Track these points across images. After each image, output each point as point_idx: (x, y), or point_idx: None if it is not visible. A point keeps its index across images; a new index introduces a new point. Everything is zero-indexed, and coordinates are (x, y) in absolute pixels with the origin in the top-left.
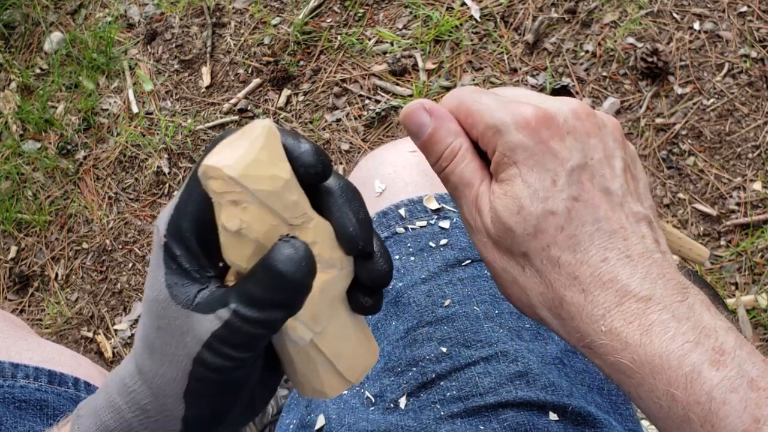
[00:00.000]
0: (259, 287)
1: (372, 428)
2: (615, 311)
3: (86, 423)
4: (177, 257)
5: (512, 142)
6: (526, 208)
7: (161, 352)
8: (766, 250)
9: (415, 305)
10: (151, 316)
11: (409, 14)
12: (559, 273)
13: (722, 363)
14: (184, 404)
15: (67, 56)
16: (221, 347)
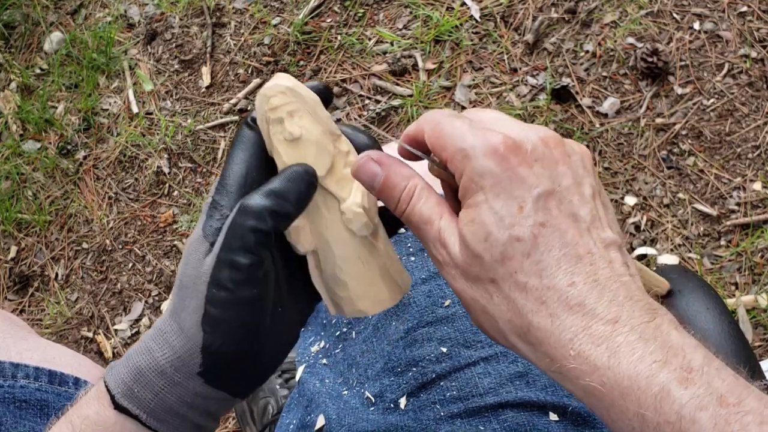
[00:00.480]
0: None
1: (372, 428)
2: (582, 335)
3: (119, 369)
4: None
5: (480, 168)
6: (492, 235)
7: (186, 286)
8: (766, 250)
9: (415, 305)
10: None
11: (409, 14)
12: (526, 298)
13: (691, 381)
14: (201, 333)
15: (67, 56)
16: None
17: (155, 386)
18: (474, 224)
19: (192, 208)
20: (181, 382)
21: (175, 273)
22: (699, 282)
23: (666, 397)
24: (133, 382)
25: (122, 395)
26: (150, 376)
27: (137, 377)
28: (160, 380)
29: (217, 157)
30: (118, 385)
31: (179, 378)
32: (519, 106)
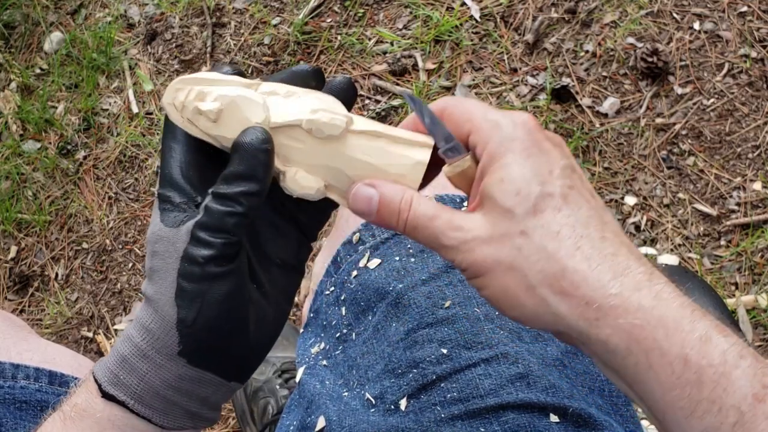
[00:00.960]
0: (229, 167)
1: (372, 430)
2: (622, 278)
3: (105, 359)
4: (168, 198)
5: (510, 134)
6: (524, 189)
7: (157, 269)
8: (766, 250)
9: (415, 307)
10: (148, 248)
11: (409, 14)
12: (560, 245)
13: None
14: (176, 308)
15: (67, 56)
16: (203, 234)
17: (139, 370)
18: (504, 182)
19: None
20: (164, 364)
21: None
22: (699, 282)
23: (709, 341)
24: (119, 369)
25: (108, 383)
26: (133, 361)
27: (121, 364)
28: (143, 364)
29: None
30: (104, 374)
31: (161, 360)
32: (519, 106)
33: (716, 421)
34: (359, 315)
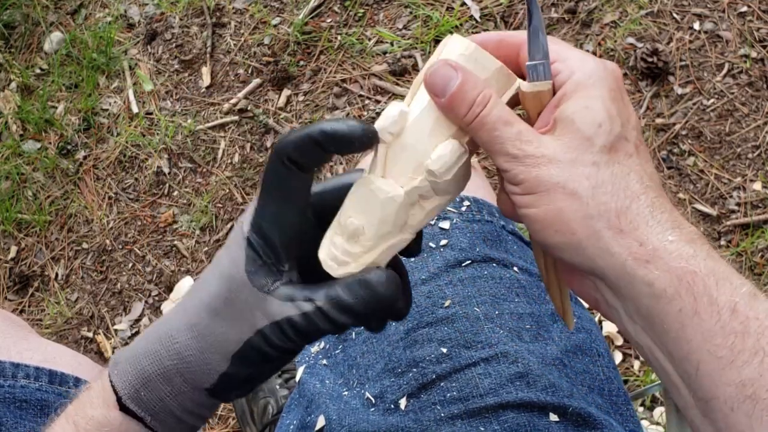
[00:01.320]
0: (350, 295)
1: (372, 429)
2: (678, 231)
3: (124, 368)
4: (257, 251)
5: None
6: (607, 124)
7: (223, 316)
8: (766, 250)
9: (415, 306)
10: (221, 287)
11: (409, 14)
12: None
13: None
14: (229, 363)
15: (67, 56)
16: (288, 330)
17: (161, 392)
18: (588, 110)
19: (192, 208)
20: (187, 392)
21: (175, 273)
22: None
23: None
24: (141, 386)
25: (128, 397)
26: (157, 381)
27: (145, 382)
28: (166, 387)
29: (217, 157)
30: (124, 386)
31: (186, 389)
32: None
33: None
34: None
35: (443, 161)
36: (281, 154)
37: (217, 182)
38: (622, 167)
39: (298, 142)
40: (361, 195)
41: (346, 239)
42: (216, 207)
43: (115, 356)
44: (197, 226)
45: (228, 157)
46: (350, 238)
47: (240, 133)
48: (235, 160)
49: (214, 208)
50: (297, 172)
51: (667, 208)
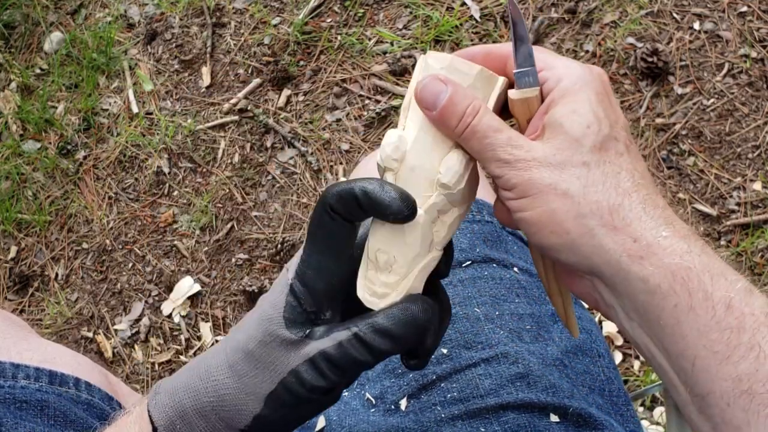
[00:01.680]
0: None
1: (372, 430)
2: (672, 226)
3: (162, 400)
4: (299, 298)
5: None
6: (595, 125)
7: (258, 359)
8: (766, 250)
9: None
10: (258, 330)
11: (409, 14)
12: (619, 182)
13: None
14: (263, 405)
15: (67, 56)
16: (322, 365)
17: (196, 427)
18: (576, 113)
19: (192, 208)
20: (221, 430)
21: (175, 273)
22: None
23: (752, 293)
24: (177, 418)
25: (164, 428)
26: (193, 416)
27: (181, 415)
28: (201, 422)
29: (217, 157)
30: (161, 417)
31: (221, 427)
32: None
33: (752, 367)
34: None
35: (453, 172)
36: (325, 203)
37: (217, 182)
38: (612, 166)
39: (342, 194)
40: (383, 228)
41: (380, 272)
42: (216, 207)
43: (156, 386)
44: (197, 226)
45: (228, 157)
46: (383, 270)
47: (240, 133)
48: (235, 160)
49: (214, 208)
50: (341, 222)
51: (660, 205)
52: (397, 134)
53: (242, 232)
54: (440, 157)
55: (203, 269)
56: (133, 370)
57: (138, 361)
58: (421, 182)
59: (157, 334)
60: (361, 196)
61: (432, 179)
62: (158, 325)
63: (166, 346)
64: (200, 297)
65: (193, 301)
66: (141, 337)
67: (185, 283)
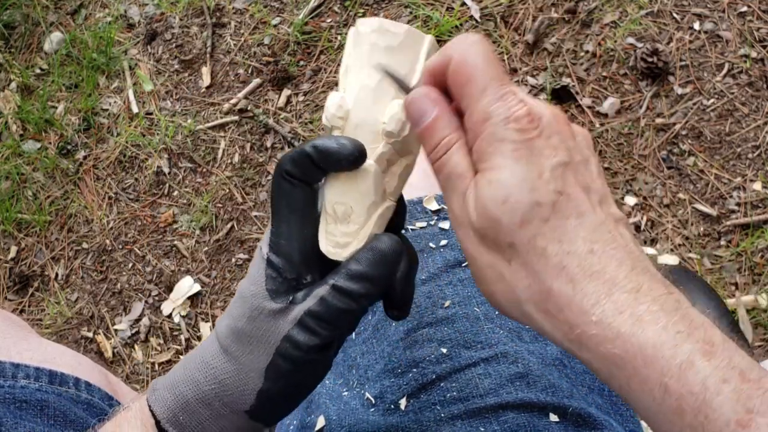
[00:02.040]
0: (360, 264)
1: (372, 429)
2: (605, 301)
3: (163, 395)
4: (278, 269)
5: (501, 134)
6: (512, 197)
7: (250, 335)
8: (766, 250)
9: (415, 306)
10: (243, 308)
11: (409, 14)
12: (546, 264)
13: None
14: (263, 378)
15: (67, 56)
16: (310, 323)
17: (200, 416)
18: (492, 186)
19: (192, 208)
20: (227, 416)
21: (175, 273)
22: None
23: (690, 367)
24: (179, 410)
25: (167, 421)
26: (196, 406)
27: (183, 406)
28: (205, 411)
29: (217, 157)
30: (163, 411)
31: (225, 412)
32: None
33: None
34: None
35: (396, 119)
36: (280, 170)
37: (217, 182)
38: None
39: (294, 157)
40: (337, 181)
41: (340, 224)
42: (216, 207)
43: (153, 383)
44: (197, 226)
45: (228, 157)
46: (343, 221)
47: (240, 133)
48: (235, 160)
49: (214, 208)
50: (300, 185)
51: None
52: (339, 95)
53: (242, 232)
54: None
55: (203, 269)
56: (133, 370)
57: (138, 361)
58: (367, 136)
59: (157, 334)
60: (312, 151)
61: (377, 131)
62: (158, 325)
63: (166, 346)
64: (200, 297)
65: (193, 301)
66: (141, 337)
67: (185, 283)
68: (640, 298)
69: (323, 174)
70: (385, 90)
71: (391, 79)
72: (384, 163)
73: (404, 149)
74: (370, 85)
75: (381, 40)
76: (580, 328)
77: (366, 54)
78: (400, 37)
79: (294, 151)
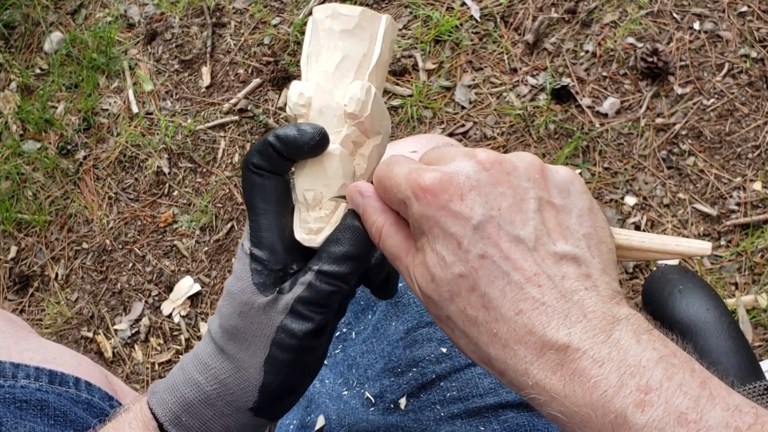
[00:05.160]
0: (340, 245)
1: (372, 429)
2: (537, 364)
3: (164, 397)
4: (263, 262)
5: (416, 214)
6: (437, 276)
7: (244, 331)
8: (766, 250)
9: (415, 306)
10: (233, 305)
11: (409, 14)
12: (479, 332)
13: (648, 403)
14: (263, 373)
15: (67, 56)
16: (302, 309)
17: (203, 416)
18: (421, 267)
19: (192, 208)
20: (231, 414)
21: (175, 273)
22: (699, 282)
23: (623, 423)
24: (182, 412)
25: (170, 423)
26: (198, 407)
27: (186, 408)
28: (208, 411)
29: (217, 157)
30: (165, 413)
31: (229, 411)
32: (519, 106)
33: None
34: (359, 314)
35: (356, 99)
36: (248, 164)
37: (217, 182)
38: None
39: (259, 149)
40: (305, 169)
41: (312, 210)
42: (216, 207)
43: (152, 386)
44: (197, 226)
45: (228, 157)
46: (314, 207)
47: (240, 133)
48: (235, 160)
49: (214, 208)
50: (271, 176)
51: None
52: (300, 84)
53: (242, 232)
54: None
55: (203, 269)
56: (133, 370)
57: (138, 361)
58: (330, 120)
59: (157, 334)
60: (274, 140)
61: (340, 115)
62: (158, 325)
63: (166, 346)
64: (200, 297)
65: (193, 301)
66: (141, 337)
67: (185, 283)
68: (569, 355)
69: (290, 162)
70: (344, 73)
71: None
72: (350, 146)
73: (371, 130)
74: (329, 69)
75: (336, 24)
76: (524, 390)
77: (323, 40)
78: (355, 20)
79: (258, 144)
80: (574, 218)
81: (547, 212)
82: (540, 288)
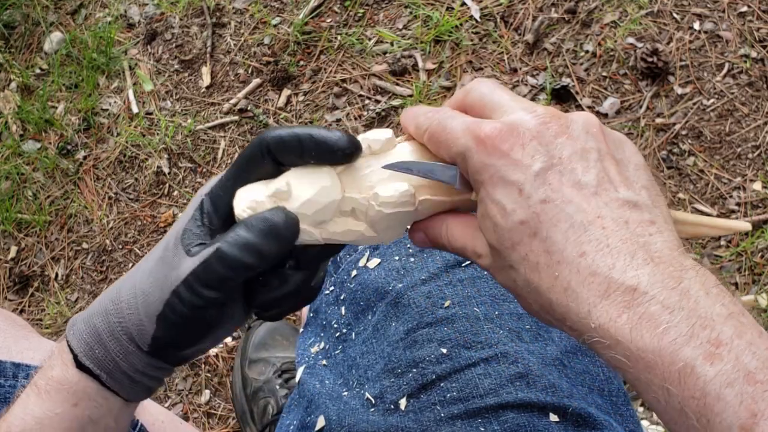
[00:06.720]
0: (249, 231)
1: (372, 429)
2: (601, 306)
3: (79, 328)
4: (203, 213)
5: (476, 165)
6: (498, 225)
7: (154, 277)
8: (766, 250)
9: (415, 306)
10: (161, 246)
11: (409, 14)
12: (540, 278)
13: (717, 356)
14: (155, 326)
15: (67, 56)
16: (194, 284)
17: (111, 351)
18: (483, 219)
19: None
20: (134, 353)
21: None
22: None
23: (690, 373)
24: (94, 343)
25: (84, 354)
26: (107, 339)
27: (97, 339)
28: (115, 346)
29: (217, 157)
30: (80, 344)
31: (132, 348)
32: None
33: None
34: (359, 314)
35: (391, 193)
36: (263, 142)
37: None
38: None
39: (284, 137)
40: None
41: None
42: None
43: (72, 318)
44: None
45: (228, 157)
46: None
47: (240, 133)
48: None
49: None
50: (270, 163)
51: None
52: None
53: None
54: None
55: None
56: None
57: None
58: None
59: None
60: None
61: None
62: None
63: None
64: None
65: None
66: None
67: None
68: (637, 298)
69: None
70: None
71: None
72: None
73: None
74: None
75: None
76: (585, 334)
77: None
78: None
79: (286, 132)
80: (632, 171)
81: (607, 162)
82: (604, 230)
